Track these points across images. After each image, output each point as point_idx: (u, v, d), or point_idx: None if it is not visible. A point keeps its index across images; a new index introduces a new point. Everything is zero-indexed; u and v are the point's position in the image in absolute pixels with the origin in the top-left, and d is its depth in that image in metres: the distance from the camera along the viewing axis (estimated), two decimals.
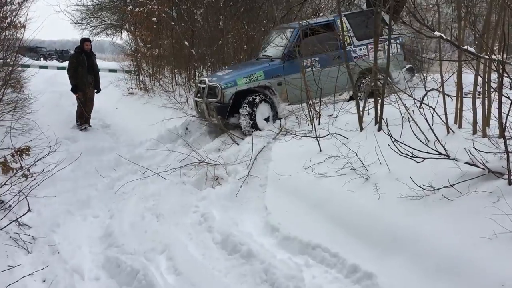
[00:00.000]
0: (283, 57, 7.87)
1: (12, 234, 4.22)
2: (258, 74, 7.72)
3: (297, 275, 3.63)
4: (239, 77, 7.66)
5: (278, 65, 7.84)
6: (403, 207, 3.89)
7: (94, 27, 22.41)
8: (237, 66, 9.09)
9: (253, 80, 7.67)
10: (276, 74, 7.77)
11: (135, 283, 3.71)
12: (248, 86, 7.64)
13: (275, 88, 7.77)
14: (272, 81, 7.76)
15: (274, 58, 8.08)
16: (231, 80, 7.64)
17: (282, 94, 7.79)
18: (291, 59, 7.75)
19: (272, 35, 8.98)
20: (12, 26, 8.33)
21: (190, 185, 6.04)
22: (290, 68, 7.73)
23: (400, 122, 4.98)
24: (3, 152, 5.53)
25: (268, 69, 7.80)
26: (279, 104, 7.78)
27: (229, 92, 7.52)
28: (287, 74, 7.70)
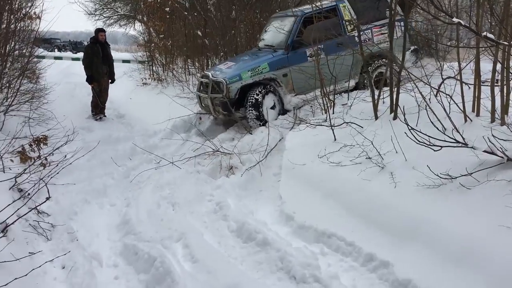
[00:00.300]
0: (286, 47, 7.61)
1: (32, 222, 4.29)
2: (263, 67, 7.44)
3: (313, 263, 3.64)
4: (244, 70, 7.41)
5: (282, 55, 7.58)
6: (420, 195, 3.87)
7: (107, 18, 22.56)
8: (238, 58, 8.74)
9: (258, 73, 7.40)
10: (281, 65, 7.52)
11: (153, 270, 3.75)
12: (254, 79, 7.38)
13: (281, 80, 7.53)
14: (277, 72, 7.50)
15: (277, 48, 7.81)
16: (236, 74, 7.38)
17: (288, 85, 7.57)
18: (295, 49, 7.55)
19: (272, 22, 8.59)
20: (27, 17, 8.39)
21: (205, 174, 6.07)
22: (295, 58, 7.54)
23: (416, 111, 4.94)
24: (21, 142, 5.61)
25: (273, 61, 7.53)
26: (286, 96, 7.57)
27: (235, 87, 7.27)
28: (291, 64, 7.51)
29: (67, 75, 15.47)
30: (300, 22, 7.60)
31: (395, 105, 5.42)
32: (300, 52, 7.50)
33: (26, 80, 9.34)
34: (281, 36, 7.88)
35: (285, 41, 7.67)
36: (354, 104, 6.53)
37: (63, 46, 36.87)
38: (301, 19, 7.61)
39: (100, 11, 22.16)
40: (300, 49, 7.51)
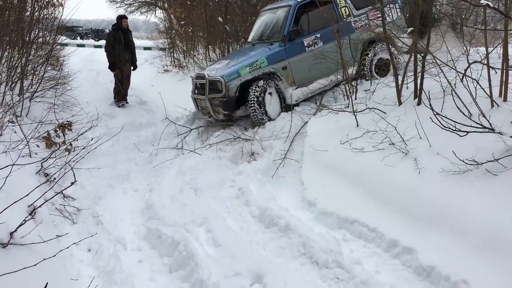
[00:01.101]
0: (283, 39, 7.26)
1: (58, 206, 4.38)
2: (261, 61, 7.08)
3: (335, 249, 3.64)
4: (242, 66, 7.04)
5: (279, 48, 7.24)
6: (445, 182, 3.81)
7: (128, 5, 22.68)
8: (232, 55, 8.40)
9: (257, 68, 7.04)
10: (279, 58, 7.19)
11: (176, 253, 3.80)
12: (253, 75, 7.03)
13: (281, 73, 7.20)
14: (276, 66, 7.17)
15: (272, 41, 7.45)
16: (234, 71, 7.01)
17: (288, 78, 7.25)
18: (292, 40, 7.23)
19: (263, 16, 8.26)
20: (50, 4, 8.48)
21: (227, 160, 6.10)
22: (293, 49, 7.26)
23: (441, 96, 4.84)
24: (46, 127, 5.71)
25: (270, 54, 7.17)
26: (287, 90, 7.26)
27: (234, 84, 6.92)
28: (290, 56, 7.23)
29: (90, 62, 15.65)
30: (295, 11, 7.30)
31: (420, 90, 5.33)
32: (298, 43, 7.26)
33: (50, 67, 9.47)
34: (276, 28, 7.60)
35: (281, 33, 7.35)
36: (377, 90, 6.44)
37: (85, 34, 37.27)
38: (295, 8, 7.31)
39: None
40: (297, 39, 7.24)
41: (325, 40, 7.38)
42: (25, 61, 7.03)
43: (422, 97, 5.22)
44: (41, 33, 8.30)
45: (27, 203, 3.40)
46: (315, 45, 7.35)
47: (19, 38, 7.29)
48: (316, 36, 7.37)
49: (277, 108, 7.16)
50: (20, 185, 3.79)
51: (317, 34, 7.37)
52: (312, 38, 7.35)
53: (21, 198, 3.12)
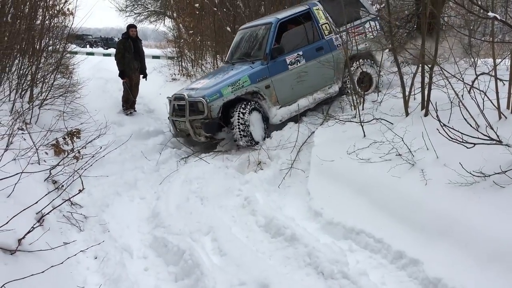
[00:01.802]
0: (265, 57, 7.05)
1: (65, 213, 4.41)
2: (244, 80, 6.84)
3: (341, 260, 3.63)
4: (224, 86, 6.77)
5: (262, 66, 7.02)
6: (452, 193, 3.80)
7: (137, 14, 22.92)
8: (211, 74, 8.09)
9: (239, 87, 6.80)
10: (262, 77, 6.96)
11: (182, 262, 3.81)
12: (236, 94, 6.77)
13: (264, 92, 6.97)
14: (259, 85, 6.93)
15: (254, 59, 7.23)
16: (215, 91, 6.74)
17: (271, 97, 7.03)
18: (274, 58, 7.04)
19: (242, 34, 8.12)
20: (61, 13, 8.58)
21: (233, 169, 6.11)
22: (275, 68, 7.06)
23: (448, 107, 4.85)
24: (55, 135, 5.77)
25: (253, 73, 6.94)
26: (270, 109, 7.03)
27: (216, 105, 6.64)
28: (273, 75, 7.02)
29: (99, 70, 15.78)
30: (276, 29, 7.16)
31: (427, 101, 5.33)
32: (280, 61, 7.10)
33: (60, 75, 9.57)
34: (258, 46, 7.43)
35: (263, 51, 7.15)
36: (384, 101, 6.45)
37: (95, 42, 37.65)
38: (276, 25, 7.18)
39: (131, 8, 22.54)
40: (280, 57, 7.08)
41: (307, 57, 7.26)
42: (35, 69, 7.11)
43: (429, 108, 5.22)
44: (51, 42, 8.41)
45: (35, 210, 3.43)
46: (297, 63, 7.23)
47: (29, 46, 7.39)
48: (298, 54, 7.24)
49: (261, 128, 6.93)
50: (28, 192, 3.83)
51: (299, 51, 7.25)
52: (295, 56, 7.21)
53: (31, 205, 3.15)
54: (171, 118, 7.43)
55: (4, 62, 6.53)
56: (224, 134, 6.95)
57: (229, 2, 12.35)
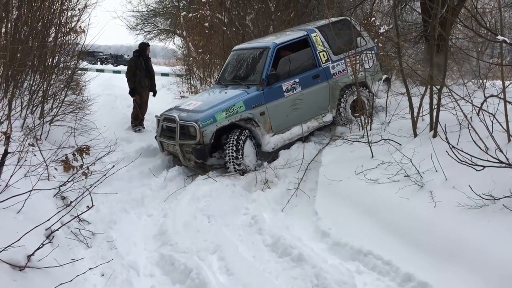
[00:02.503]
0: (261, 82, 6.84)
1: (74, 229, 4.42)
2: (239, 106, 6.62)
3: (349, 281, 3.61)
4: (218, 111, 6.53)
5: (257, 92, 6.81)
6: (461, 216, 3.78)
7: (147, 32, 23.21)
8: (203, 95, 7.84)
9: (234, 113, 6.57)
10: (257, 103, 6.75)
11: (188, 281, 3.80)
12: (230, 120, 6.54)
13: (258, 119, 6.74)
14: (254, 111, 6.71)
15: (249, 84, 7.03)
16: (209, 115, 6.49)
17: (265, 124, 6.82)
18: (270, 84, 6.85)
19: (237, 55, 7.92)
20: (73, 31, 8.72)
21: (240, 187, 6.11)
22: (271, 94, 6.87)
23: (457, 129, 4.85)
24: (65, 151, 5.81)
25: (248, 98, 6.73)
26: (264, 136, 6.81)
27: (209, 130, 6.39)
28: (268, 101, 6.82)
29: (108, 87, 15.93)
30: (273, 54, 6.97)
31: (435, 122, 5.34)
32: (276, 87, 6.90)
33: (71, 91, 9.67)
34: (253, 70, 7.24)
35: (259, 76, 6.94)
36: (392, 121, 6.46)
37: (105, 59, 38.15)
38: (274, 50, 7.01)
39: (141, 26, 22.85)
40: (276, 84, 6.90)
41: (303, 85, 7.12)
42: (46, 86, 7.20)
43: (438, 129, 5.23)
44: (63, 58, 8.52)
45: (45, 226, 3.45)
46: (293, 90, 7.05)
47: (41, 63, 7.49)
48: (294, 81, 7.07)
49: (254, 156, 6.75)
50: (38, 208, 3.85)
51: (296, 78, 7.08)
52: (291, 83, 7.04)
53: (43, 222, 3.17)
54: (159, 138, 7.22)
55: (17, 78, 6.62)
56: (215, 160, 6.73)
57: (238, 21, 12.50)
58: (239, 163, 6.48)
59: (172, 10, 20.16)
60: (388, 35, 9.48)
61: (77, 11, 8.83)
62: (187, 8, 16.30)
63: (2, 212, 3.32)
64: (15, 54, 6.42)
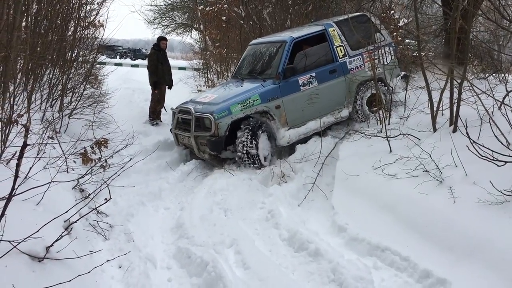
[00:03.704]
0: (277, 76, 6.85)
1: (92, 221, 4.47)
2: (254, 98, 6.63)
3: (366, 277, 3.57)
4: (233, 103, 6.55)
5: (273, 85, 6.81)
6: (481, 212, 3.71)
7: (165, 26, 23.28)
8: (219, 89, 7.82)
9: (249, 106, 6.58)
10: (273, 97, 6.76)
11: (205, 274, 3.81)
12: (245, 113, 6.55)
13: (274, 113, 6.76)
14: (270, 104, 6.73)
15: (265, 77, 7.03)
16: (224, 108, 6.51)
17: (281, 118, 6.83)
18: (286, 78, 6.84)
19: (254, 49, 7.89)
20: (91, 25, 8.80)
21: (257, 181, 6.11)
22: (287, 88, 6.87)
23: (477, 124, 4.75)
24: (83, 144, 5.87)
25: (264, 92, 6.73)
26: (279, 130, 6.81)
27: (224, 122, 6.41)
28: (284, 95, 6.83)
29: (126, 81, 16.07)
30: (290, 48, 6.97)
31: (456, 117, 5.24)
32: (292, 81, 6.90)
33: (89, 85, 9.78)
34: (270, 64, 7.24)
35: (276, 69, 6.95)
36: (411, 116, 6.37)
37: (125, 53, 38.48)
38: (291, 44, 6.99)
39: (159, 20, 22.93)
40: (292, 78, 6.89)
41: (320, 80, 7.10)
42: (65, 79, 7.28)
43: (458, 124, 5.14)
44: (82, 52, 8.61)
45: (64, 218, 3.49)
46: (309, 84, 7.03)
47: (60, 57, 7.57)
48: (311, 75, 7.04)
49: (268, 150, 6.72)
50: (57, 200, 3.90)
51: (312, 73, 7.06)
52: (307, 77, 7.02)
53: (61, 214, 3.21)
54: (174, 131, 7.29)
55: (37, 72, 6.70)
56: (229, 153, 6.70)
57: (255, 15, 12.44)
58: (252, 156, 6.45)
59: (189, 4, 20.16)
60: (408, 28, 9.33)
61: (96, 5, 8.92)
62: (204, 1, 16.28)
63: (22, 203, 3.36)
64: (35, 48, 6.50)
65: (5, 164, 3.77)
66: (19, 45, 5.48)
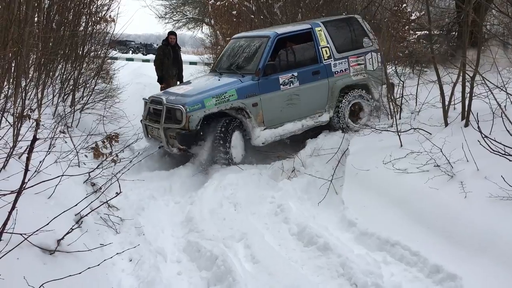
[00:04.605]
0: (257, 72, 6.52)
1: (103, 215, 4.51)
2: (230, 93, 6.30)
3: (375, 271, 3.56)
4: (207, 97, 6.22)
5: (252, 81, 6.49)
6: (492, 207, 3.68)
7: (176, 21, 23.32)
8: (195, 81, 7.62)
9: (225, 101, 6.26)
10: (250, 93, 6.43)
11: (214, 268, 3.82)
12: (219, 108, 6.24)
13: (250, 110, 6.42)
14: (247, 101, 6.39)
15: (244, 73, 6.71)
16: (198, 100, 6.17)
17: (257, 116, 6.49)
18: (266, 75, 6.53)
19: (235, 43, 7.59)
20: (103, 20, 8.85)
21: (267, 176, 6.12)
22: (266, 85, 6.55)
23: (489, 118, 4.70)
24: (95, 138, 5.92)
25: (241, 87, 6.41)
26: (254, 129, 6.47)
27: (196, 116, 6.07)
28: (262, 93, 6.50)
29: (138, 76, 16.13)
30: (273, 44, 6.67)
31: (467, 111, 5.19)
32: (273, 79, 6.58)
33: (101, 80, 9.85)
34: (250, 59, 6.93)
35: (256, 65, 6.62)
36: (423, 110, 6.32)
37: (137, 48, 38.69)
38: (274, 40, 6.69)
39: (170, 15, 22.97)
40: (273, 75, 6.58)
41: (301, 80, 6.80)
42: (77, 74, 7.34)
43: (470, 119, 5.09)
44: (93, 47, 8.67)
45: (74, 212, 3.53)
46: (291, 84, 6.73)
47: (72, 52, 7.64)
48: (293, 75, 6.74)
49: (242, 149, 6.50)
50: (68, 193, 3.94)
51: (294, 72, 6.77)
52: (289, 76, 6.72)
53: (71, 207, 3.24)
54: (144, 122, 6.86)
55: (49, 67, 6.77)
56: (199, 149, 6.35)
57: (266, 9, 12.40)
58: (225, 152, 6.21)
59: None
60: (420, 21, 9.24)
61: (107, 0, 8.96)
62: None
63: (34, 197, 3.41)
64: (47, 43, 6.57)
65: (17, 158, 3.82)
66: (31, 40, 5.53)
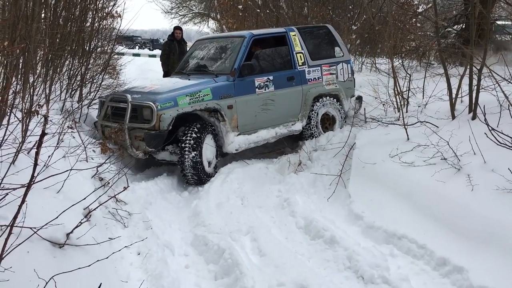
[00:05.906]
0: (233, 72, 6.23)
1: (111, 209, 4.55)
2: (205, 93, 5.87)
3: (382, 264, 3.58)
4: (180, 94, 5.72)
5: (227, 82, 6.16)
6: (500, 200, 3.67)
7: (182, 16, 23.36)
8: (163, 80, 7.29)
9: (199, 100, 5.79)
10: (226, 94, 6.07)
11: (221, 261, 3.85)
12: (193, 107, 5.76)
13: (225, 113, 6.03)
14: (222, 103, 6.00)
15: (218, 73, 6.36)
16: (170, 98, 5.63)
17: (232, 120, 6.15)
18: (242, 76, 6.24)
19: (202, 46, 7.31)
20: (109, 16, 8.87)
21: (273, 170, 6.15)
22: (242, 87, 6.24)
23: (497, 111, 4.68)
24: None
25: (216, 87, 6.02)
26: (228, 134, 6.10)
27: (169, 115, 5.53)
28: (238, 95, 6.18)
29: (144, 71, 16.18)
30: (249, 44, 6.46)
31: (475, 104, 5.17)
32: (248, 81, 6.31)
33: (108, 75, 9.89)
34: (223, 60, 6.71)
35: (231, 65, 6.34)
36: (430, 103, 6.30)
37: (144, 43, 38.80)
38: (249, 40, 6.50)
39: (176, 10, 23.02)
40: (249, 77, 6.31)
41: (276, 85, 6.61)
42: (84, 70, 7.38)
43: (477, 111, 5.06)
44: (100, 43, 8.70)
45: (83, 206, 3.57)
46: (266, 88, 6.49)
47: (79, 48, 7.67)
48: (268, 78, 6.52)
49: (213, 156, 6.06)
50: (77, 188, 3.98)
51: (270, 76, 6.56)
52: (264, 80, 6.48)
53: (79, 201, 3.28)
54: (100, 122, 6.11)
55: (56, 63, 6.81)
56: (167, 155, 5.92)
57: (272, 3, 12.38)
58: (196, 160, 5.71)
59: None
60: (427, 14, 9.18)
61: None
62: None
63: (43, 191, 3.45)
64: (54, 39, 6.60)
65: (26, 153, 3.86)
66: (39, 37, 5.57)
